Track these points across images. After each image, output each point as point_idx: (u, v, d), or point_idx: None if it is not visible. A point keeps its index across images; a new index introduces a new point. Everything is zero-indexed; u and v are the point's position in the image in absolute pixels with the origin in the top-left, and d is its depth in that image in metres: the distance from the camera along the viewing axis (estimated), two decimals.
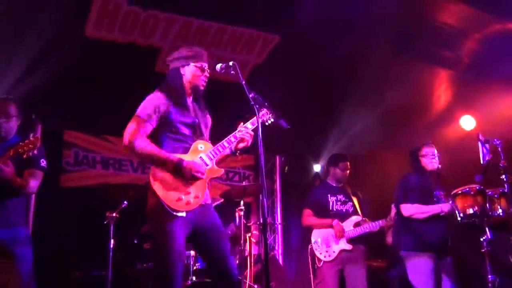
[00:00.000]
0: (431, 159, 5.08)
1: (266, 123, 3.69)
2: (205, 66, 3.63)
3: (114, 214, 5.59)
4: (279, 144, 8.22)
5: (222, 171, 3.57)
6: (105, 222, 5.60)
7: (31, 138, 3.50)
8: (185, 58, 3.63)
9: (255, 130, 3.54)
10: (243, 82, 3.33)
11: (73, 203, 7.05)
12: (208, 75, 3.64)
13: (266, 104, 3.35)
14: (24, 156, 3.55)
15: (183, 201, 3.33)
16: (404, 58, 7.16)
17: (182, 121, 3.50)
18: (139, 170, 8.19)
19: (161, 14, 6.63)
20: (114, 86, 7.18)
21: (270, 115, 3.71)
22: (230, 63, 3.47)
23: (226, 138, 3.58)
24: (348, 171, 5.81)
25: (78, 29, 6.42)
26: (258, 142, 3.31)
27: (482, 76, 7.16)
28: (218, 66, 3.55)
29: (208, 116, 3.76)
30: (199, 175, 3.38)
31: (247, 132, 3.56)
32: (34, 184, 3.93)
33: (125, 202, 5.67)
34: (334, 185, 5.83)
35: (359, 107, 7.80)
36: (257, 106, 3.29)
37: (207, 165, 3.47)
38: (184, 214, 3.32)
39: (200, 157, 3.48)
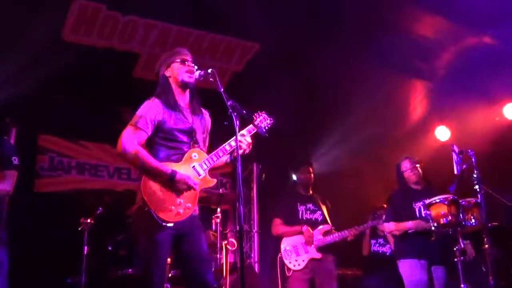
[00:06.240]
0: (411, 172, 5.34)
1: (266, 128, 3.73)
2: (186, 59, 3.61)
3: (88, 220, 5.53)
4: (257, 152, 8.20)
5: (214, 181, 3.54)
6: (79, 229, 5.53)
7: None
8: (166, 60, 3.64)
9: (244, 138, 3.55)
10: (221, 90, 3.31)
11: (47, 209, 6.92)
12: (191, 66, 3.57)
13: (244, 112, 3.34)
14: None
15: (173, 212, 3.30)
16: (380, 69, 7.22)
17: (178, 128, 3.47)
18: (115, 176, 8.10)
19: (140, 20, 6.60)
20: (91, 91, 7.11)
21: (269, 119, 3.76)
22: (209, 70, 3.46)
23: (221, 147, 3.55)
24: (310, 175, 5.85)
25: (55, 33, 6.35)
26: (235, 150, 3.30)
27: (457, 88, 7.26)
28: (197, 74, 3.55)
29: (205, 117, 3.72)
30: (192, 188, 3.36)
31: (244, 140, 3.54)
32: (3, 186, 3.86)
33: (100, 208, 5.62)
34: (303, 193, 5.86)
35: (337, 116, 7.85)
36: (235, 114, 3.26)
37: (200, 175, 3.45)
38: (172, 224, 3.30)
39: (193, 166, 3.45)
